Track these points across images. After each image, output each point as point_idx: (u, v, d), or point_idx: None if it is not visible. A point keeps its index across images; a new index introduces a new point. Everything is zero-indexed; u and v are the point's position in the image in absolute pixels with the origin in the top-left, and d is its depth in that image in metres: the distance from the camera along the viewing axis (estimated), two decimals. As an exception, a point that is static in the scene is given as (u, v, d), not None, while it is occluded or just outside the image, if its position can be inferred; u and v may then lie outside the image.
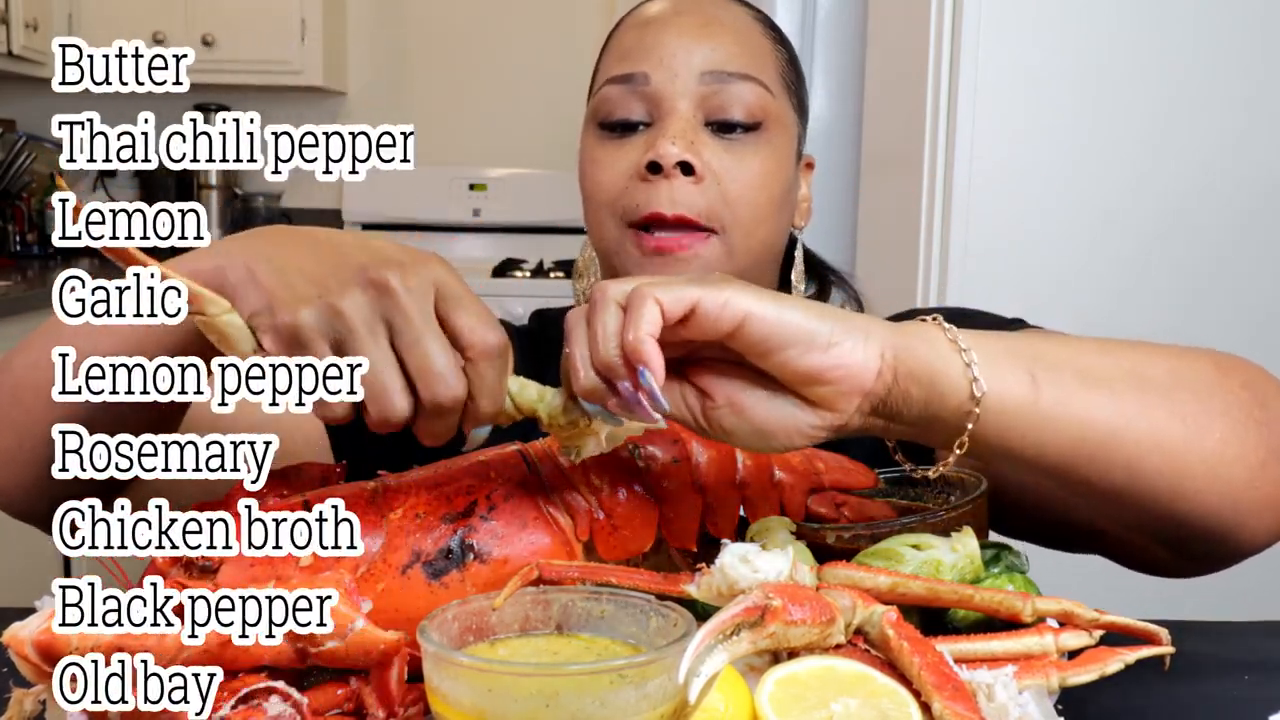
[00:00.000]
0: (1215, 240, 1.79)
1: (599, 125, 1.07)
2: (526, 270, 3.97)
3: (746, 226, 1.03)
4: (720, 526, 0.82)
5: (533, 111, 4.39)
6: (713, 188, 1.01)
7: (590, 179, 1.06)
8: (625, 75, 1.04)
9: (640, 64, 1.04)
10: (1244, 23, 1.76)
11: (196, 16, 3.99)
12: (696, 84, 1.03)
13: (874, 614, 0.70)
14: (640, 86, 1.04)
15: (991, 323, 1.06)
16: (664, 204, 1.00)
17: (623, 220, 1.03)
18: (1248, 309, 1.80)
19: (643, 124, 1.04)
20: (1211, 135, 1.78)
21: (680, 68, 1.03)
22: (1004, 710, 0.67)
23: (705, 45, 1.04)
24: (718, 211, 1.01)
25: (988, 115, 1.78)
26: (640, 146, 1.03)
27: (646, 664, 0.58)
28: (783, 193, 1.06)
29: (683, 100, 1.03)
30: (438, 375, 0.67)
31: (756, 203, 1.03)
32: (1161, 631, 0.78)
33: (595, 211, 1.06)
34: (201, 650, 0.63)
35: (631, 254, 1.03)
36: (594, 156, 1.06)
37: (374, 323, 0.67)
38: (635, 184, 1.02)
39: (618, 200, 1.03)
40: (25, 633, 0.61)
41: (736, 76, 1.03)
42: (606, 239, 1.05)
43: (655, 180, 1.01)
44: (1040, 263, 1.80)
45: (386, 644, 0.64)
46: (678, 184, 1.00)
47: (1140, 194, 1.79)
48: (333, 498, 0.76)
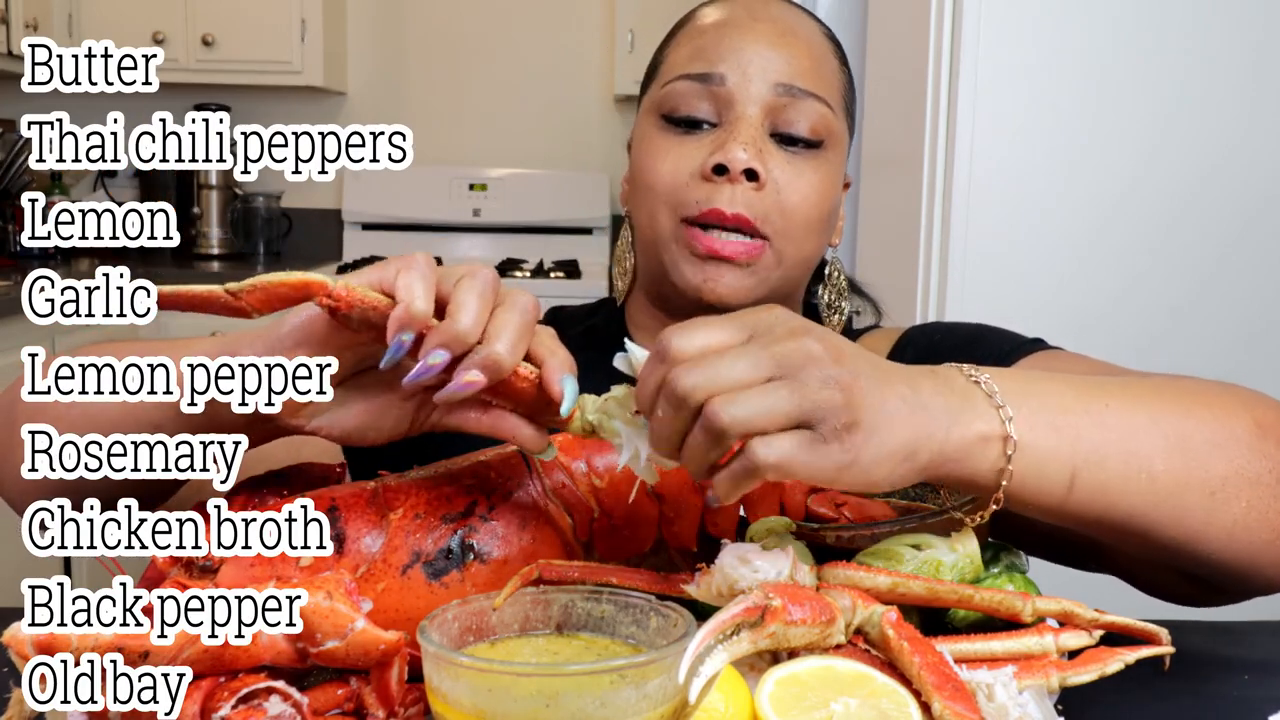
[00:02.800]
0: (1215, 240, 1.79)
1: (663, 117, 1.06)
2: (526, 270, 3.97)
3: (797, 238, 1.04)
4: (720, 526, 0.82)
5: (533, 111, 4.39)
6: (771, 196, 1.02)
7: (651, 170, 1.05)
8: (702, 74, 1.05)
9: (717, 65, 1.05)
10: (1244, 23, 1.76)
11: (196, 16, 3.99)
12: (769, 93, 1.04)
13: (874, 614, 0.70)
14: (715, 86, 1.04)
15: (1009, 342, 1.06)
16: (724, 203, 1.00)
17: (678, 214, 1.03)
18: (1247, 309, 1.80)
19: (708, 123, 1.05)
20: (1211, 135, 1.78)
21: (755, 74, 1.04)
22: (1004, 710, 0.67)
23: (782, 56, 1.05)
24: (773, 219, 1.02)
25: (988, 115, 1.78)
26: (706, 146, 1.03)
27: (646, 664, 0.58)
28: (832, 210, 1.08)
29: (753, 107, 1.03)
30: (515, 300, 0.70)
31: (810, 217, 1.04)
32: (1161, 631, 0.78)
33: (651, 202, 1.05)
34: (202, 650, 0.63)
35: (683, 251, 1.03)
36: (656, 147, 1.06)
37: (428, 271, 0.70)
38: (697, 181, 1.02)
39: (676, 194, 1.03)
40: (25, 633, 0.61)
41: (807, 94, 1.04)
42: (659, 231, 1.05)
43: (719, 182, 1.01)
44: (1040, 262, 1.80)
45: (386, 644, 0.64)
46: (740, 188, 1.01)
47: (1139, 194, 1.79)
48: (333, 497, 0.76)
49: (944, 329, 1.15)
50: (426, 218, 4.31)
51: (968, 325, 1.14)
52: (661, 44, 1.13)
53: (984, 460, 0.72)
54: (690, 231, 1.02)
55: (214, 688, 0.64)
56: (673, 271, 1.04)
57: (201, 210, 4.26)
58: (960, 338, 1.11)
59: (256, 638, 0.64)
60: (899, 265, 1.92)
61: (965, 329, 1.13)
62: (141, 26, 3.98)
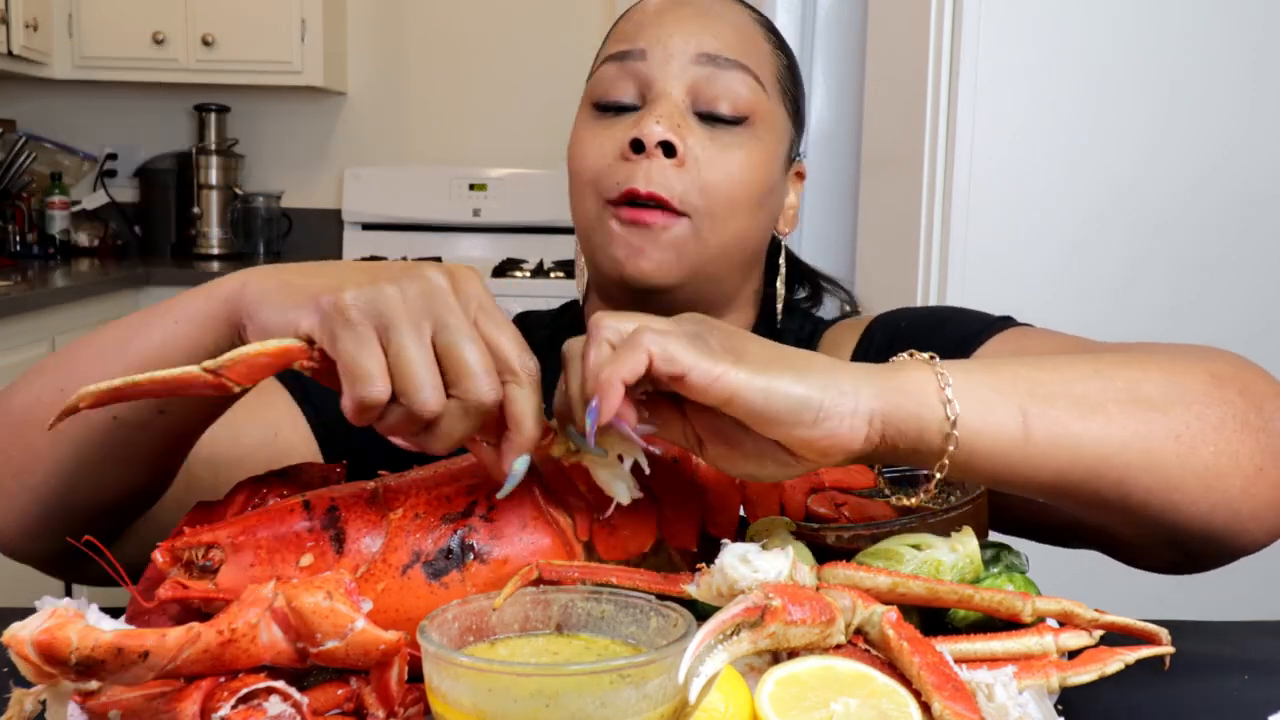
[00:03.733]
0: (1215, 240, 1.79)
1: (592, 105, 1.07)
2: (526, 270, 3.97)
3: (719, 216, 1.02)
4: (720, 526, 0.82)
5: (533, 111, 4.39)
6: (692, 172, 1.01)
7: (576, 157, 1.06)
8: (621, 52, 1.05)
9: (637, 41, 1.05)
10: (1244, 23, 1.76)
11: (196, 16, 3.99)
12: (690, 66, 1.03)
13: (874, 614, 0.70)
14: (635, 63, 1.04)
15: (978, 322, 1.05)
16: (640, 180, 1.00)
17: (601, 197, 1.03)
18: (1247, 309, 1.80)
19: (633, 106, 1.05)
20: (1211, 135, 1.78)
21: (676, 49, 1.04)
22: (1004, 710, 0.67)
23: (704, 31, 1.05)
24: (691, 197, 1.01)
25: (988, 115, 1.78)
26: (626, 126, 1.03)
27: (646, 664, 0.58)
28: (763, 192, 1.06)
29: (674, 84, 1.03)
30: (477, 374, 0.68)
31: (733, 195, 1.03)
32: (1161, 631, 0.78)
33: (578, 188, 1.06)
34: (201, 650, 0.63)
35: (606, 231, 1.03)
36: (581, 135, 1.07)
37: (419, 316, 0.69)
38: (617, 162, 1.02)
39: (599, 178, 1.03)
40: (25, 633, 0.61)
41: (730, 64, 1.04)
42: (586, 215, 1.06)
43: (636, 159, 1.01)
44: (1040, 262, 1.80)
45: (386, 644, 0.64)
46: (657, 164, 1.00)
47: (1140, 194, 1.79)
48: (333, 497, 0.76)
49: (910, 314, 1.14)
50: (426, 218, 4.31)
51: (937, 309, 1.13)
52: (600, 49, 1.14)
53: (924, 403, 0.73)
54: (614, 209, 1.02)
55: (214, 688, 0.64)
56: (600, 254, 1.04)
57: (201, 210, 4.27)
58: (927, 320, 1.11)
59: (256, 638, 0.64)
60: (899, 265, 1.92)
61: (932, 312, 1.12)
62: (141, 26, 3.98)
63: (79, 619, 0.62)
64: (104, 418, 0.80)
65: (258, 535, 0.74)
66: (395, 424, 0.69)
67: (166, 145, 4.36)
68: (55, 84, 4.11)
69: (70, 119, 4.31)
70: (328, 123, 4.45)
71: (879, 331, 1.11)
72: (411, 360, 0.68)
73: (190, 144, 4.33)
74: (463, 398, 0.69)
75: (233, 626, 0.63)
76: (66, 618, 0.62)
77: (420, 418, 0.69)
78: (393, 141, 4.46)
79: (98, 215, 4.29)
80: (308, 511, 0.75)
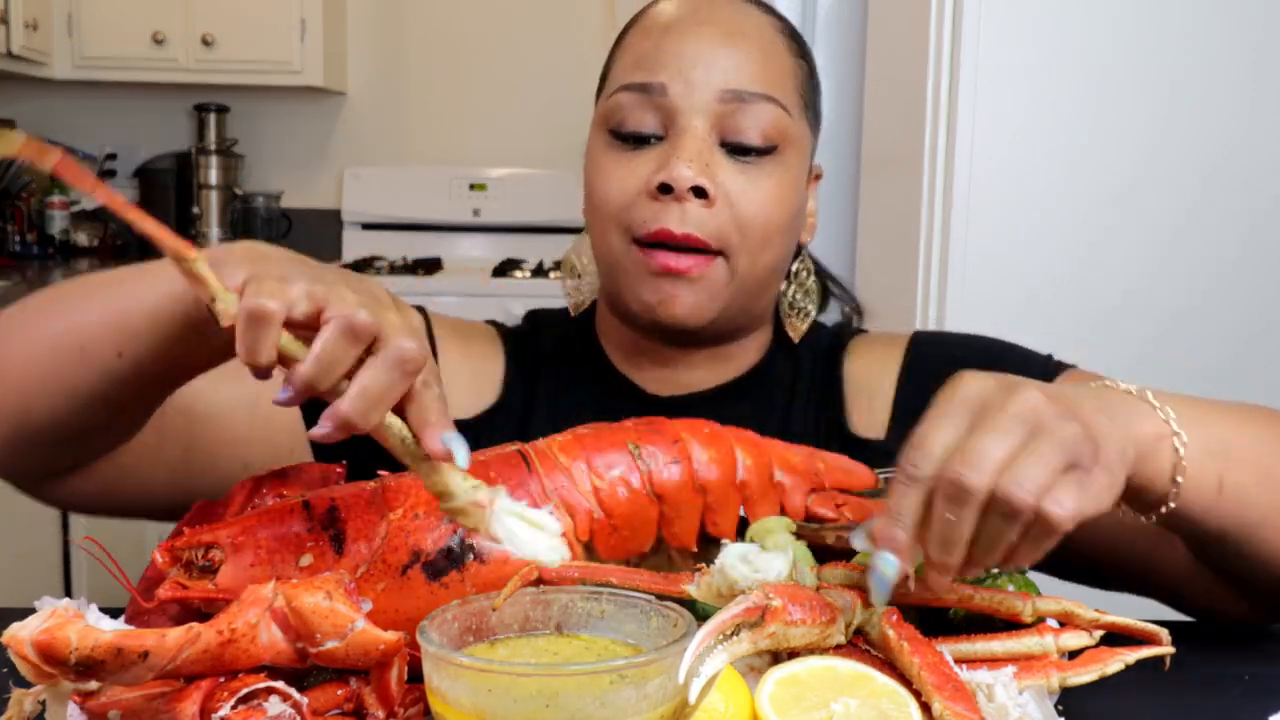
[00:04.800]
0: (1216, 240, 1.79)
1: (610, 131, 1.03)
2: (526, 270, 3.97)
3: (754, 250, 1.00)
4: (720, 526, 0.82)
5: (533, 111, 4.38)
6: (724, 211, 0.99)
7: (599, 190, 1.03)
8: (641, 84, 1.01)
9: (657, 73, 1.01)
10: (1244, 23, 1.76)
11: (196, 16, 3.99)
12: (714, 101, 0.99)
13: (874, 614, 0.70)
14: (656, 97, 1.00)
15: (1023, 360, 1.07)
16: (674, 222, 0.98)
17: (628, 234, 1.00)
18: (1249, 309, 1.80)
19: (655, 136, 1.01)
20: (1211, 135, 1.77)
21: (699, 82, 1.00)
22: (1004, 710, 0.67)
23: (727, 60, 1.00)
24: (727, 234, 0.99)
25: (988, 115, 1.78)
26: (652, 162, 1.00)
27: (647, 664, 0.58)
28: (793, 215, 1.04)
29: (698, 118, 0.99)
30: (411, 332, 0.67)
31: (767, 227, 1.01)
32: (1161, 632, 0.78)
33: (601, 223, 1.03)
34: (201, 650, 0.63)
35: (636, 271, 1.00)
36: (603, 165, 1.03)
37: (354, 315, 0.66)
38: (644, 200, 0.99)
39: (624, 214, 1.00)
40: (25, 633, 0.61)
41: (756, 97, 1.00)
42: (611, 251, 1.02)
43: (665, 201, 0.98)
44: (1040, 263, 1.80)
45: (386, 644, 0.64)
46: (689, 206, 0.98)
47: (1140, 194, 1.78)
48: (333, 498, 0.76)
49: (960, 344, 1.12)
50: (426, 218, 4.31)
51: (985, 341, 1.12)
52: (614, 42, 1.09)
53: (1162, 458, 0.79)
54: (643, 252, 0.99)
55: (214, 688, 0.64)
56: (627, 294, 1.02)
57: (201, 210, 4.26)
58: (982, 357, 1.08)
59: (256, 638, 0.64)
60: (899, 265, 1.92)
61: (985, 348, 1.11)
62: (141, 26, 3.97)
63: (79, 619, 0.62)
64: (71, 352, 0.82)
65: (257, 535, 0.74)
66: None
67: (166, 145, 4.36)
68: (55, 84, 4.10)
69: (70, 119, 4.30)
70: (328, 123, 4.45)
71: (929, 358, 1.09)
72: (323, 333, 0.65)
73: (190, 144, 4.33)
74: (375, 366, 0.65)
75: (233, 626, 0.63)
76: (66, 618, 0.62)
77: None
78: (393, 141, 4.46)
79: (97, 215, 4.28)
80: (307, 512, 0.75)
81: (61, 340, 0.83)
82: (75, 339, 0.82)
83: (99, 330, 0.81)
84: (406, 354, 0.66)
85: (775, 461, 0.86)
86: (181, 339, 0.78)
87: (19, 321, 0.88)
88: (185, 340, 0.78)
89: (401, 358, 0.66)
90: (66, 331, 0.83)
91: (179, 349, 0.79)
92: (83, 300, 0.84)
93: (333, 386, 0.65)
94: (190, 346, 0.79)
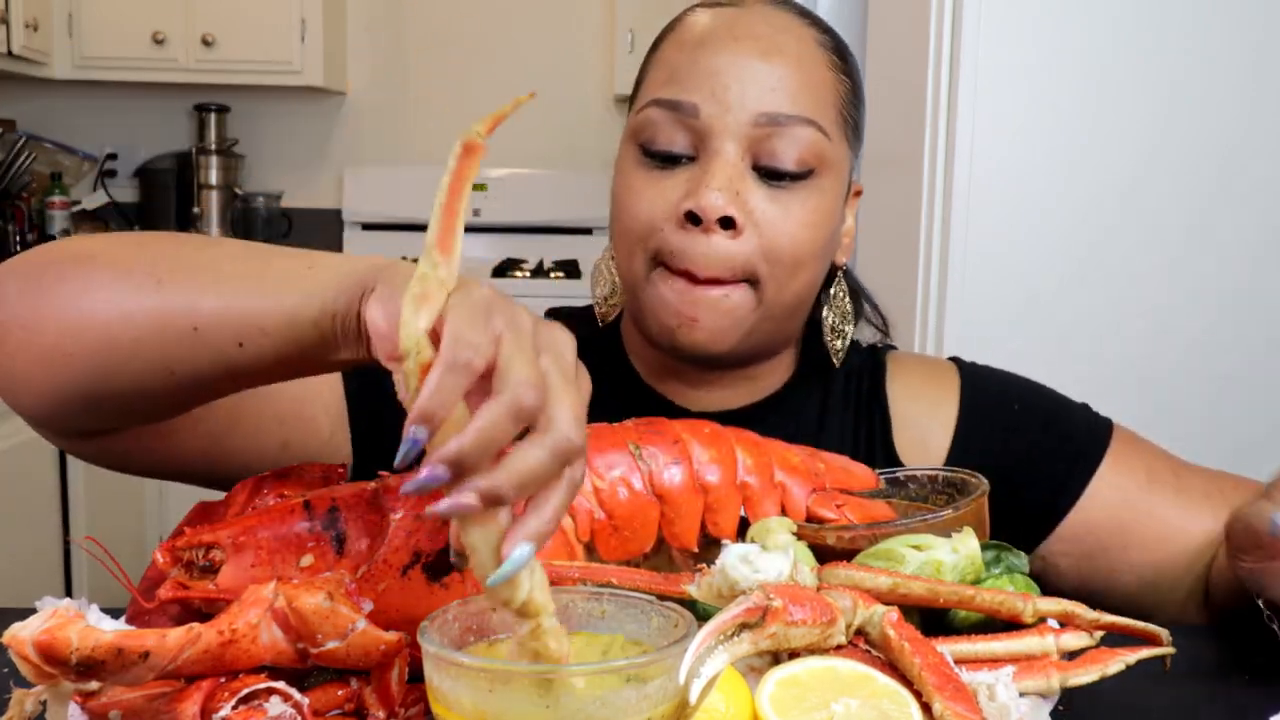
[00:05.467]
0: (1216, 240, 1.79)
1: (640, 147, 1.00)
2: (526, 270, 3.97)
3: (781, 279, 0.97)
4: (721, 526, 0.82)
5: (533, 111, 4.38)
6: (752, 239, 0.96)
7: (626, 210, 0.99)
8: (673, 102, 0.97)
9: (690, 92, 0.97)
10: (1244, 23, 1.76)
11: (196, 16, 3.99)
12: (748, 125, 0.96)
13: (875, 614, 0.70)
14: (688, 117, 0.97)
15: (1084, 427, 1.08)
16: (698, 263, 0.95)
17: (653, 259, 0.98)
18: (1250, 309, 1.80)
19: (687, 156, 0.98)
20: (1213, 134, 1.77)
21: (733, 103, 0.96)
22: (1005, 709, 0.67)
23: (763, 79, 0.96)
24: (754, 264, 0.96)
25: (988, 115, 1.78)
26: (681, 185, 0.97)
27: (647, 664, 0.58)
28: (826, 241, 1.00)
29: (731, 141, 0.96)
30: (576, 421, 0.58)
31: (797, 255, 0.97)
32: (1162, 632, 0.78)
33: (626, 244, 1.00)
34: (202, 650, 0.63)
35: (657, 293, 0.97)
36: (631, 183, 1.00)
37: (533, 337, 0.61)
38: (671, 227, 0.96)
39: (649, 236, 0.97)
40: (25, 633, 0.61)
41: (793, 120, 0.96)
42: (634, 272, 1.00)
43: (692, 231, 0.95)
44: (1040, 263, 1.80)
45: (387, 644, 0.64)
46: (716, 239, 0.95)
47: (1140, 194, 1.78)
48: (334, 498, 0.76)
49: (1014, 390, 1.10)
50: (426, 218, 4.20)
51: (1035, 390, 1.11)
52: (649, 50, 1.05)
53: None
54: (664, 276, 0.97)
55: (214, 688, 0.64)
56: (648, 316, 0.99)
57: (201, 210, 4.26)
58: (1034, 412, 1.08)
59: (257, 638, 0.64)
60: (899, 265, 1.92)
61: (1036, 398, 1.10)
62: (141, 26, 3.98)
63: (79, 619, 0.62)
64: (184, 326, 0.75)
65: (258, 535, 0.74)
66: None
67: (166, 145, 4.36)
68: (55, 84, 4.11)
69: (70, 119, 4.30)
70: (328, 123, 4.45)
71: (986, 402, 1.08)
72: (523, 361, 0.58)
73: (190, 144, 4.33)
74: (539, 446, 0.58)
75: (233, 627, 0.63)
76: (67, 618, 0.62)
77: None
78: (393, 141, 4.46)
79: (98, 215, 4.28)
80: (308, 512, 0.75)
81: (173, 317, 0.75)
82: (190, 320, 0.75)
83: (224, 317, 0.74)
84: (569, 447, 0.58)
85: (776, 462, 0.86)
86: (314, 347, 0.72)
87: (112, 273, 0.79)
88: (317, 349, 0.72)
89: (562, 450, 0.58)
90: (183, 311, 0.75)
91: (303, 357, 0.74)
92: (212, 282, 0.76)
93: (477, 464, 0.57)
94: (317, 356, 0.73)
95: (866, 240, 2.13)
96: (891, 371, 1.11)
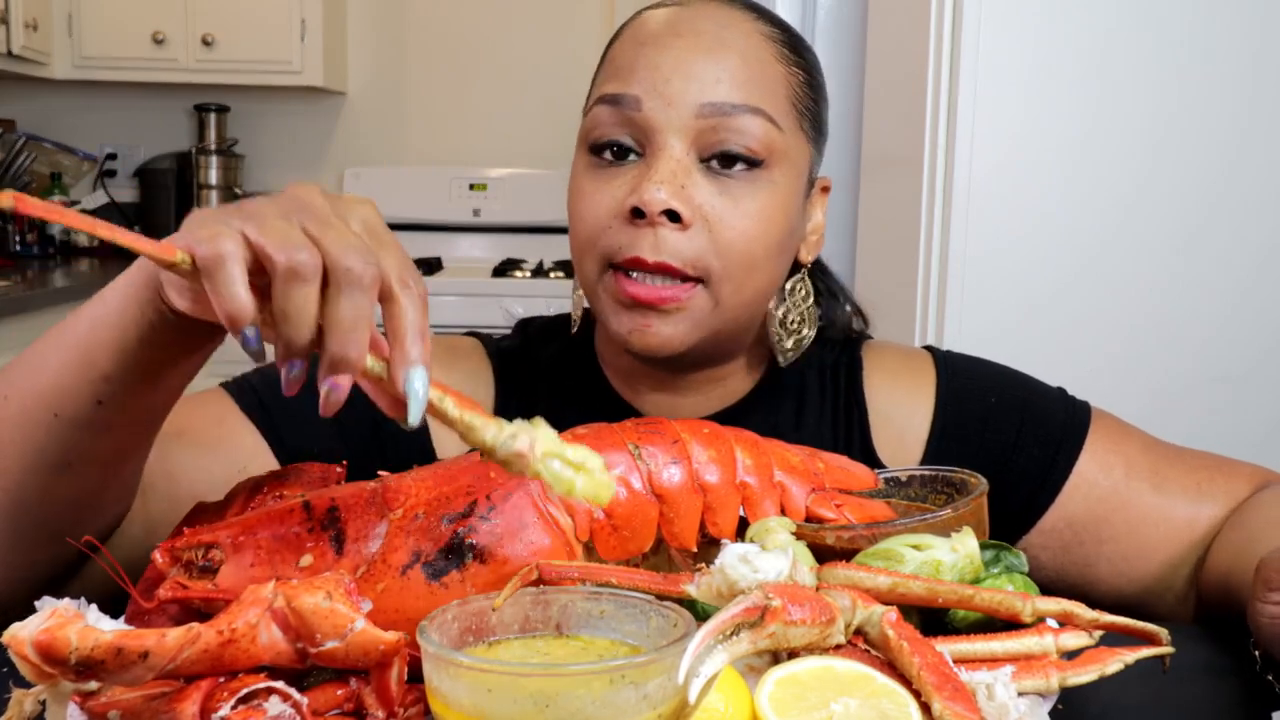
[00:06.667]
0: (1217, 240, 1.79)
1: (588, 149, 0.98)
2: (526, 270, 3.97)
3: (738, 277, 0.95)
4: (720, 527, 0.82)
5: (533, 111, 4.39)
6: (702, 234, 0.94)
7: (575, 213, 0.98)
8: (614, 96, 0.96)
9: (631, 85, 0.96)
10: (1244, 23, 1.76)
11: (196, 16, 3.99)
12: (692, 117, 0.94)
13: (874, 614, 0.70)
14: (629, 111, 0.95)
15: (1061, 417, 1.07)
16: (646, 250, 0.93)
17: (603, 261, 0.96)
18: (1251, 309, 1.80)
19: (634, 151, 0.96)
20: (1213, 135, 1.77)
21: (675, 97, 0.94)
22: (1004, 709, 0.67)
23: (706, 73, 0.95)
24: (706, 260, 0.94)
25: (988, 115, 1.78)
26: (627, 183, 0.95)
27: (646, 664, 0.58)
28: (782, 236, 0.98)
29: (674, 136, 0.94)
30: (354, 248, 0.61)
31: (751, 251, 0.95)
32: (1161, 631, 0.78)
33: (579, 246, 0.98)
34: (201, 650, 0.63)
35: (609, 300, 0.96)
36: (579, 186, 0.98)
37: (290, 212, 0.63)
38: (618, 224, 0.95)
39: (599, 239, 0.96)
40: (25, 633, 0.61)
41: (739, 109, 0.95)
42: (586, 277, 0.98)
43: (640, 225, 0.93)
44: (1040, 263, 1.80)
45: (386, 644, 0.64)
46: (663, 231, 0.93)
47: (1140, 194, 1.78)
48: (333, 498, 0.76)
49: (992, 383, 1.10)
50: (426, 218, 4.31)
51: (1013, 378, 1.11)
52: (600, 58, 1.04)
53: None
54: (615, 277, 0.95)
55: (214, 688, 0.64)
56: (603, 319, 0.98)
57: (201, 210, 4.27)
58: (1011, 400, 1.08)
59: (256, 638, 0.64)
60: (899, 265, 1.92)
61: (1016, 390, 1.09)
62: (141, 26, 3.98)
63: (79, 619, 0.62)
64: (45, 417, 0.76)
65: (258, 535, 0.74)
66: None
67: (166, 145, 4.36)
68: (55, 84, 4.11)
69: (70, 119, 4.31)
70: (328, 123, 4.45)
71: (963, 394, 1.08)
72: (281, 287, 0.60)
73: (190, 144, 4.33)
74: (339, 296, 0.60)
75: (232, 627, 0.63)
76: (66, 618, 0.62)
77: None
78: (393, 141, 4.46)
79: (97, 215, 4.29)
80: (308, 512, 0.75)
81: (31, 414, 0.76)
82: (43, 404, 0.76)
83: (66, 385, 0.75)
84: (353, 274, 0.60)
85: (775, 461, 0.86)
86: (156, 349, 0.72)
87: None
88: (161, 349, 0.72)
89: (350, 281, 0.60)
90: (35, 404, 0.76)
91: (156, 363, 0.73)
92: (39, 362, 0.77)
93: (313, 335, 0.61)
94: (168, 353, 0.73)
95: (866, 240, 2.14)
96: (868, 367, 1.10)
